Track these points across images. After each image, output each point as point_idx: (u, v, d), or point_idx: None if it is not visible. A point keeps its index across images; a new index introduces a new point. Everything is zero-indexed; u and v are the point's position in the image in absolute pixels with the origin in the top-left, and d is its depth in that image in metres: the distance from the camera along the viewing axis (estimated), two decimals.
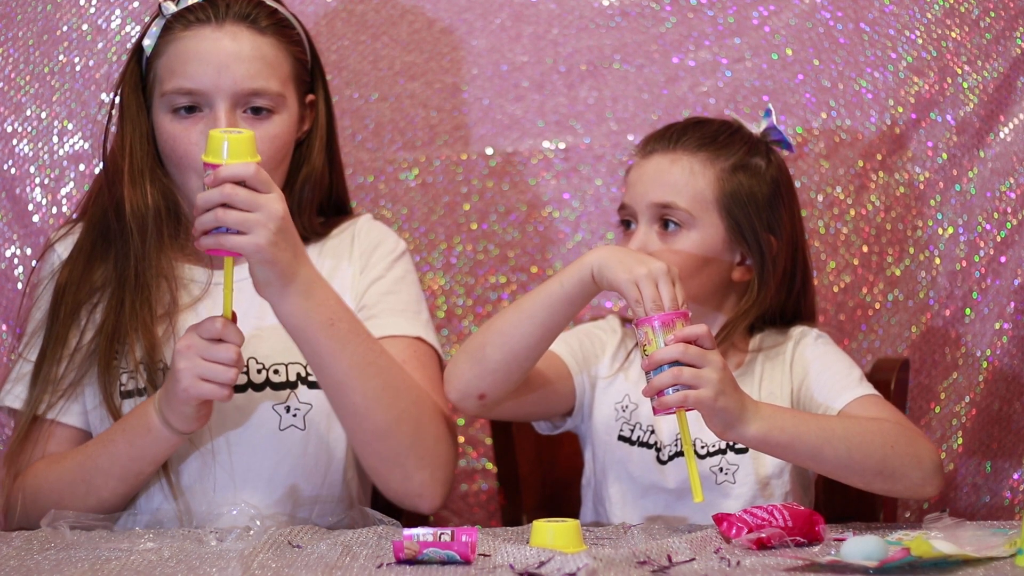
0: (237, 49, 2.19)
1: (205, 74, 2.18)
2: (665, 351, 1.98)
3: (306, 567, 1.84)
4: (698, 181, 2.22)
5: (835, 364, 2.22)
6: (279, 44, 2.23)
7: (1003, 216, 2.68)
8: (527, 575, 1.75)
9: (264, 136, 2.19)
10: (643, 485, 2.22)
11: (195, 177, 2.17)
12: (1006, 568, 1.78)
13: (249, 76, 2.19)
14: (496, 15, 2.75)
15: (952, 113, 2.70)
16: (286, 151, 2.25)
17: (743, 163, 2.25)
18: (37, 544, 2.01)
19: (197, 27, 2.20)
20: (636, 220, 2.23)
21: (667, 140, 2.25)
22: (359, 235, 2.33)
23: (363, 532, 2.04)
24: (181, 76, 2.19)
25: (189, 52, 2.19)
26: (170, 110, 2.21)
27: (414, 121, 2.76)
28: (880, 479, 2.07)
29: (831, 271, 2.71)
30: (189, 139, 2.19)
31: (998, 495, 2.67)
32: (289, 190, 2.27)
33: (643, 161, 2.25)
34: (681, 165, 2.22)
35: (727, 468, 2.19)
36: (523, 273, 2.74)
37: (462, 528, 1.86)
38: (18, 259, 2.68)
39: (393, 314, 2.29)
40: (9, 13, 2.71)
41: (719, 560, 1.84)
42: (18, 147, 2.69)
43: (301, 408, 2.22)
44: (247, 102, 2.20)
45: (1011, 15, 2.69)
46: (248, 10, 2.21)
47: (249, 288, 2.14)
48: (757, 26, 2.74)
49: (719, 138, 2.25)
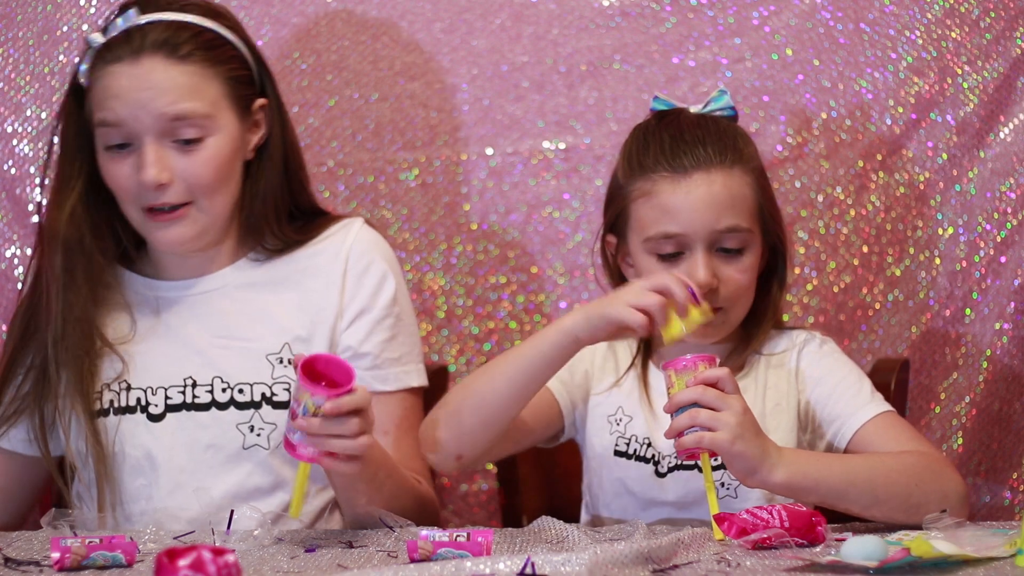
0: (154, 82, 2.19)
1: (124, 110, 2.19)
2: (683, 394, 1.97)
3: (318, 568, 1.85)
4: (747, 195, 2.17)
5: (845, 379, 2.19)
6: (204, 68, 2.21)
7: (1003, 216, 2.68)
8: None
9: (197, 162, 2.20)
10: (643, 500, 2.20)
11: (131, 209, 2.22)
12: (1006, 568, 1.78)
13: (167, 105, 2.19)
14: (496, 15, 2.75)
15: (952, 113, 2.70)
16: (229, 169, 2.25)
17: (755, 158, 2.21)
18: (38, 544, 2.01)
19: (116, 64, 2.20)
20: (686, 247, 2.15)
21: (698, 155, 2.16)
22: (352, 256, 2.30)
23: (375, 533, 2.05)
24: (104, 110, 2.21)
25: (110, 88, 2.20)
26: (104, 146, 2.22)
27: (414, 121, 2.76)
28: (905, 515, 2.04)
29: (831, 271, 2.71)
30: (121, 173, 2.21)
31: (998, 495, 2.67)
32: (244, 203, 2.28)
33: (685, 182, 2.14)
34: (729, 185, 2.15)
35: (729, 483, 2.16)
36: (523, 273, 2.74)
37: (477, 529, 1.86)
38: (18, 259, 2.68)
39: (394, 364, 2.30)
40: (9, 13, 2.71)
41: (720, 560, 1.84)
42: (18, 147, 2.70)
43: (265, 428, 2.22)
44: (172, 133, 2.20)
45: (1011, 15, 2.69)
46: (166, 36, 2.20)
47: (218, 300, 2.19)
48: (757, 26, 2.74)
49: (738, 142, 2.20)
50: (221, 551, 1.53)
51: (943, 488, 2.06)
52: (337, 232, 2.32)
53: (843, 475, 2.03)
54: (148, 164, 2.18)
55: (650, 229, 2.16)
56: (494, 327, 2.74)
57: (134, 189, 2.21)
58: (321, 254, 2.30)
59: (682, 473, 2.17)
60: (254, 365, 2.22)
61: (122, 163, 2.21)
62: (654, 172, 2.16)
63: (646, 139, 2.21)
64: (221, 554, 1.53)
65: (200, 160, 2.21)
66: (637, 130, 2.25)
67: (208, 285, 2.29)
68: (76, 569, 1.83)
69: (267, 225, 2.29)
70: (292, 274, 2.29)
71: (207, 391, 2.22)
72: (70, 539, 1.83)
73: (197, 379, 2.24)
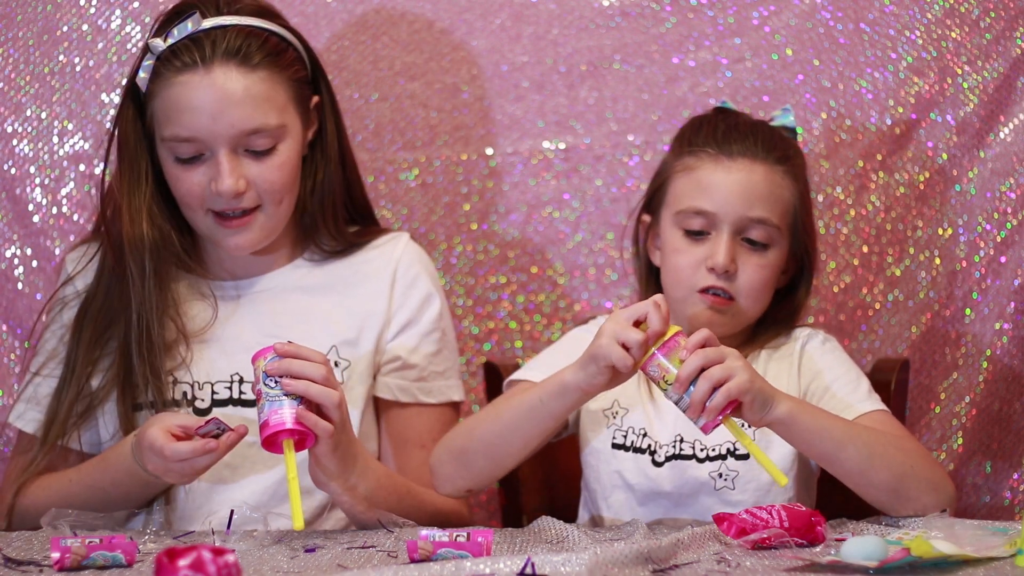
0: (228, 94, 2.18)
1: (200, 123, 2.17)
2: (688, 363, 1.97)
3: (318, 568, 1.85)
4: (784, 195, 2.22)
5: (845, 375, 2.21)
6: (273, 75, 2.21)
7: (1003, 216, 2.68)
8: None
9: (271, 169, 2.21)
10: (641, 493, 2.21)
11: (198, 214, 2.21)
12: (1006, 568, 1.78)
13: (244, 119, 2.18)
14: (496, 15, 2.75)
15: (952, 113, 2.70)
16: (297, 171, 2.26)
17: (803, 172, 2.26)
18: (38, 544, 2.01)
19: (187, 73, 2.18)
20: (713, 227, 2.19)
21: (747, 144, 2.21)
22: (401, 267, 2.33)
23: (377, 533, 2.06)
24: (177, 125, 2.19)
25: (182, 101, 2.18)
26: (175, 158, 2.21)
27: (414, 121, 2.76)
28: (891, 496, 2.05)
29: (831, 271, 2.71)
30: (193, 182, 2.21)
31: (998, 495, 2.67)
32: (308, 202, 2.29)
33: (728, 164, 2.20)
34: (770, 179, 2.20)
35: (727, 474, 2.18)
36: (523, 273, 2.74)
37: (477, 529, 1.86)
38: (18, 259, 2.68)
39: (439, 377, 2.32)
40: (9, 13, 2.71)
41: (719, 560, 1.84)
42: (18, 147, 2.69)
43: None
44: (247, 144, 2.20)
45: (1011, 15, 2.69)
46: (237, 44, 2.19)
47: (270, 300, 2.19)
48: (757, 26, 2.74)
49: (790, 151, 2.24)
50: (221, 551, 1.53)
51: (935, 479, 2.07)
52: (386, 243, 2.35)
53: (844, 431, 2.05)
54: (225, 174, 2.18)
55: (683, 202, 2.20)
56: (494, 327, 2.74)
57: (205, 195, 2.21)
58: (371, 262, 2.32)
59: (679, 463, 2.18)
60: None
61: (193, 172, 2.21)
62: (701, 150, 2.22)
63: (701, 123, 2.27)
64: (221, 554, 1.53)
65: (273, 167, 2.21)
66: (694, 117, 2.32)
67: (263, 285, 2.30)
68: (76, 569, 1.83)
69: (324, 223, 2.30)
70: (342, 279, 2.31)
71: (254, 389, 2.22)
72: (70, 539, 1.83)
73: (245, 376, 2.24)
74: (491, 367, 2.49)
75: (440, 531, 1.85)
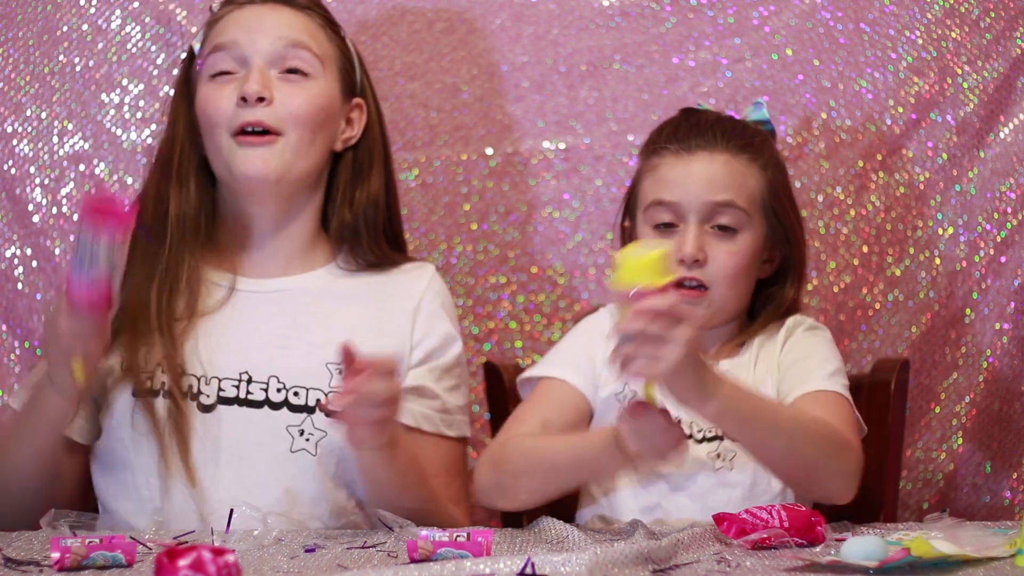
0: (273, 16, 2.26)
1: (239, 33, 2.25)
2: (629, 325, 1.91)
3: (318, 568, 1.85)
4: (749, 182, 2.24)
5: (813, 356, 2.22)
6: (320, 24, 2.29)
7: (1003, 216, 2.68)
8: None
9: (299, 93, 2.24)
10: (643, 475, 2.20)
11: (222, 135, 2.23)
12: (1006, 568, 1.78)
13: (284, 28, 2.25)
14: (496, 15, 2.75)
15: (952, 113, 2.70)
16: (323, 118, 2.26)
17: (774, 160, 2.28)
18: (38, 544, 2.01)
19: (237, 11, 2.27)
20: (681, 220, 2.22)
21: (707, 138, 2.24)
22: (427, 297, 2.32)
23: (375, 533, 2.06)
24: (219, 36, 2.26)
25: (228, 21, 2.27)
26: (209, 75, 2.26)
27: (414, 121, 2.76)
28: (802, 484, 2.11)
29: (831, 271, 2.71)
30: (222, 96, 2.24)
31: (998, 495, 2.67)
32: (349, 208, 2.30)
33: (687, 157, 2.24)
34: (731, 166, 2.23)
35: (724, 454, 2.18)
36: (523, 273, 2.74)
37: (477, 529, 1.86)
38: (18, 259, 2.68)
39: (460, 412, 2.32)
40: (9, 13, 2.71)
41: (720, 560, 1.84)
42: (18, 147, 2.69)
43: (315, 434, 2.21)
44: (283, 61, 2.24)
45: (1011, 15, 2.69)
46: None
47: (292, 301, 2.21)
48: (757, 26, 2.74)
49: (754, 140, 2.27)
50: (221, 551, 1.53)
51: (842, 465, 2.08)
52: (414, 270, 2.35)
53: (769, 423, 2.04)
54: (253, 80, 2.22)
55: (648, 198, 2.25)
56: (494, 327, 2.74)
57: (230, 112, 2.22)
58: (398, 283, 2.32)
59: None
60: (314, 370, 2.20)
61: (224, 87, 2.24)
62: (664, 148, 2.26)
63: (666, 125, 2.31)
64: (221, 554, 1.53)
65: (301, 92, 2.24)
66: (663, 121, 2.34)
67: (287, 285, 2.29)
68: (76, 569, 1.83)
69: (367, 232, 2.30)
70: (368, 294, 2.29)
71: (262, 388, 2.21)
72: (70, 539, 1.83)
73: (253, 375, 2.22)
74: (491, 367, 2.49)
75: (440, 531, 1.85)
